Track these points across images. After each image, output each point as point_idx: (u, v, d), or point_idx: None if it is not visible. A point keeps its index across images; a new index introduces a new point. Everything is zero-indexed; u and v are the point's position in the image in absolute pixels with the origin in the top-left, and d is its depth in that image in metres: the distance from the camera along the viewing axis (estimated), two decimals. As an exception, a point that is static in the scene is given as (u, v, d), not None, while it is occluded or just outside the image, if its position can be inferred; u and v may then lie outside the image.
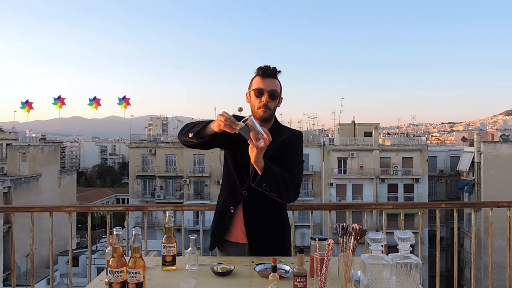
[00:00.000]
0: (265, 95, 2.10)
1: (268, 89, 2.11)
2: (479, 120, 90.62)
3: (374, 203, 21.39)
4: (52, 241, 3.09)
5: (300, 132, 2.32)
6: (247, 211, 2.15)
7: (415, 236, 1.61)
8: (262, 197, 2.08)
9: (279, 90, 2.17)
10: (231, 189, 2.21)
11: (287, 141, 2.18)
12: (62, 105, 35.90)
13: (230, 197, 2.21)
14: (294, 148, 2.21)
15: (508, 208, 3.04)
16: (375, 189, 31.43)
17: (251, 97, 2.16)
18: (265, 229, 2.15)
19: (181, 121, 47.45)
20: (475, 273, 3.41)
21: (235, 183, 2.18)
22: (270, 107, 2.12)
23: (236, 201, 2.17)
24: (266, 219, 2.16)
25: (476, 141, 30.02)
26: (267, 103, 2.10)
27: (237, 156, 2.16)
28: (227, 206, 2.20)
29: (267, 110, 2.12)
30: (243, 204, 2.15)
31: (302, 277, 1.57)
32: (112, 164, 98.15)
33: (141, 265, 1.56)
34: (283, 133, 2.21)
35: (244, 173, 2.14)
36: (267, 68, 2.12)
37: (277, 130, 2.20)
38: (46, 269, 20.86)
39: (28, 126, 53.24)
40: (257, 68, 2.15)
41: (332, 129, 41.95)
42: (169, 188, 32.96)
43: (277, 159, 2.11)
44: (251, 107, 2.18)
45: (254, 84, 2.14)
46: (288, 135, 2.21)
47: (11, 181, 24.34)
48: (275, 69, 2.15)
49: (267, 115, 2.13)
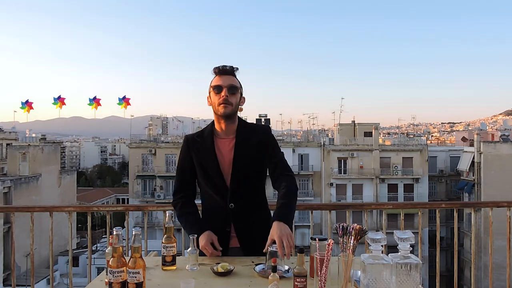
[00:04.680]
0: (224, 90, 2.09)
1: (226, 84, 2.10)
2: (479, 120, 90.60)
3: (374, 203, 21.39)
4: (52, 241, 3.09)
5: (268, 126, 2.34)
6: (238, 223, 2.16)
7: (415, 236, 1.61)
8: (248, 202, 2.15)
9: (239, 87, 2.15)
10: (217, 209, 2.18)
11: (264, 140, 2.18)
12: (62, 105, 35.89)
13: (218, 217, 2.17)
14: (273, 145, 2.21)
15: (508, 208, 3.04)
16: (375, 189, 31.43)
17: (211, 96, 2.15)
18: (255, 231, 2.14)
19: (181, 121, 47.41)
20: (475, 273, 3.41)
21: (219, 202, 2.17)
22: (231, 102, 2.10)
23: (226, 218, 2.15)
24: (254, 220, 2.18)
25: (476, 141, 30.02)
26: (227, 97, 2.08)
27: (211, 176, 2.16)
28: (221, 226, 2.15)
29: (228, 106, 2.09)
30: (233, 217, 2.15)
31: (302, 277, 1.57)
32: (112, 164, 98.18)
33: (141, 265, 1.56)
34: (252, 130, 2.20)
35: (223, 189, 2.14)
36: (224, 66, 2.14)
37: (245, 128, 2.20)
38: (46, 269, 20.84)
39: (28, 126, 53.28)
40: (213, 68, 2.16)
41: (332, 129, 41.95)
42: (169, 188, 32.93)
43: (258, 159, 2.15)
44: (212, 108, 2.15)
45: (212, 83, 2.14)
46: (262, 134, 2.20)
47: (11, 181, 24.33)
48: (232, 67, 2.15)
49: (228, 110, 2.09)
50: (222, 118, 2.12)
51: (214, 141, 2.18)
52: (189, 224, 2.14)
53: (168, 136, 42.16)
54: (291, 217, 2.00)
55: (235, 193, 2.13)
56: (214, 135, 2.19)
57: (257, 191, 2.22)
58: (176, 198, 2.25)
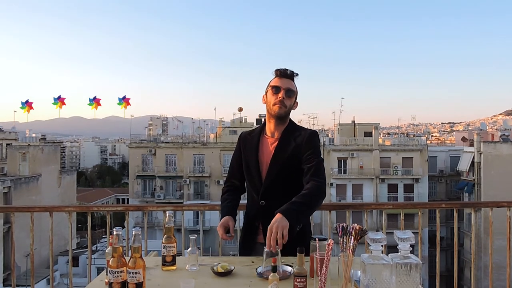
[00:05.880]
0: (281, 92, 2.18)
1: (284, 86, 2.19)
2: (479, 120, 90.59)
3: (374, 203, 21.37)
4: (52, 241, 3.09)
5: (315, 131, 2.32)
6: (266, 218, 2.14)
7: (415, 236, 1.61)
8: (278, 202, 2.12)
9: (295, 92, 2.25)
10: (251, 204, 2.30)
11: (301, 143, 2.19)
12: (62, 105, 35.87)
13: (251, 211, 2.29)
14: (311, 149, 2.18)
15: (508, 208, 3.04)
16: (375, 189, 31.43)
17: (268, 95, 2.25)
18: None
19: (181, 121, 47.40)
20: (475, 273, 3.41)
21: (254, 198, 2.26)
22: (286, 105, 2.19)
23: (257, 213, 2.23)
24: None
25: (476, 141, 30.00)
26: (283, 99, 2.18)
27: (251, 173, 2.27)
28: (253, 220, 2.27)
29: (283, 107, 2.19)
30: (262, 214, 2.20)
31: (302, 277, 1.57)
32: (112, 164, 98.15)
33: (141, 265, 1.56)
34: (297, 133, 2.24)
35: (258, 186, 2.23)
36: (285, 70, 2.23)
37: (292, 130, 2.26)
38: (46, 269, 20.83)
39: (28, 126, 53.32)
40: (275, 70, 2.25)
41: (332, 129, 41.96)
42: (169, 188, 32.95)
43: (295, 160, 2.17)
44: (267, 107, 2.25)
45: (272, 83, 2.24)
46: (302, 136, 2.22)
47: (11, 181, 24.32)
48: (293, 72, 2.24)
49: (282, 112, 2.20)
50: (273, 117, 2.22)
51: (260, 139, 2.29)
52: (222, 206, 2.32)
53: (168, 136, 42.17)
54: (295, 214, 1.94)
55: (267, 191, 2.21)
56: (262, 134, 2.31)
57: (290, 191, 2.19)
58: (225, 185, 2.44)
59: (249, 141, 2.31)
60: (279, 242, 1.81)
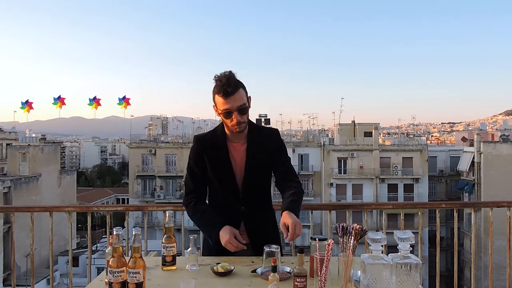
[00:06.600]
0: (234, 114, 2.04)
1: (235, 107, 2.03)
2: (479, 120, 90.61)
3: (374, 203, 21.40)
4: (52, 241, 3.09)
5: (277, 130, 2.37)
6: (248, 223, 2.20)
7: (415, 236, 1.61)
8: (258, 205, 2.20)
9: (246, 98, 2.09)
10: (227, 210, 2.19)
11: (275, 146, 2.24)
12: (62, 105, 35.92)
13: (229, 218, 2.16)
14: (283, 151, 2.28)
15: (508, 208, 3.04)
16: (375, 189, 31.44)
17: (222, 116, 2.10)
18: (265, 231, 2.22)
19: (181, 121, 47.42)
20: (475, 273, 3.41)
21: (230, 204, 2.19)
22: (244, 121, 2.09)
23: (236, 219, 2.18)
24: (264, 220, 2.25)
25: (476, 141, 30.02)
26: (240, 119, 2.06)
27: (223, 179, 2.18)
28: (231, 225, 2.13)
29: (242, 125, 2.09)
30: (244, 219, 2.19)
31: (302, 277, 1.57)
32: (112, 164, 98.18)
33: (141, 265, 1.56)
34: (262, 134, 2.24)
35: (235, 192, 2.18)
36: (227, 87, 1.99)
37: (256, 132, 2.22)
38: (46, 269, 20.83)
39: (28, 126, 53.25)
40: (214, 87, 2.05)
41: (332, 129, 41.96)
42: (169, 188, 32.96)
43: (269, 164, 2.21)
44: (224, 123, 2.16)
45: (219, 104, 2.06)
46: (273, 139, 2.25)
47: (11, 181, 24.33)
48: (235, 83, 2.03)
49: (243, 128, 2.11)
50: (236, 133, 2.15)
51: (227, 144, 2.19)
52: (205, 220, 2.13)
53: (168, 136, 42.14)
54: (298, 213, 2.06)
55: (246, 196, 2.18)
56: (226, 139, 2.20)
57: (266, 193, 2.28)
58: (189, 198, 2.21)
59: (214, 145, 2.18)
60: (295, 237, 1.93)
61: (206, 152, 2.18)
